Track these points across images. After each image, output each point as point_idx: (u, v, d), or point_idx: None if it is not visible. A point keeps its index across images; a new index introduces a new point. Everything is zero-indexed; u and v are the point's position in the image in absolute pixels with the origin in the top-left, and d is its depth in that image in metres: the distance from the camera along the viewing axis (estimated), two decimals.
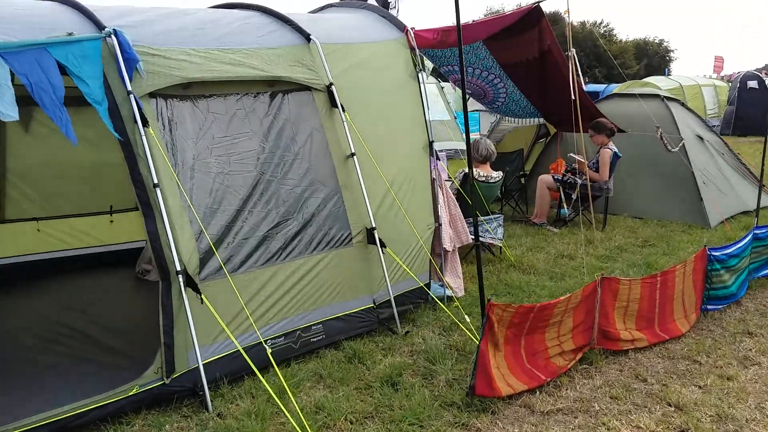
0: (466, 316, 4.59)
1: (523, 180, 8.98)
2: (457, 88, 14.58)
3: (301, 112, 4.66)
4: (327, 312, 4.53)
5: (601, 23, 57.30)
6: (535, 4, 7.27)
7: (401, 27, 5.62)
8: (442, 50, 8.23)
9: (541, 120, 9.22)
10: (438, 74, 12.71)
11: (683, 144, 8.34)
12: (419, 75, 5.51)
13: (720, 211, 8.21)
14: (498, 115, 10.02)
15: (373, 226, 4.73)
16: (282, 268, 4.30)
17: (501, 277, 6.07)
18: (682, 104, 9.52)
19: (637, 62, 54.93)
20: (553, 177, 8.03)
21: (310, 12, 6.33)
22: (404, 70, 5.45)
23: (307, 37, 4.80)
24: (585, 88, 29.34)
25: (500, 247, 6.72)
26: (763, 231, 5.78)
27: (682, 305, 4.81)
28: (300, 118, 4.64)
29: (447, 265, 5.50)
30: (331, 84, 4.74)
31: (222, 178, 4.14)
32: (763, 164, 7.18)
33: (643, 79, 25.79)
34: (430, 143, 5.40)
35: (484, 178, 6.37)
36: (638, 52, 56.91)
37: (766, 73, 26.76)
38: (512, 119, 9.82)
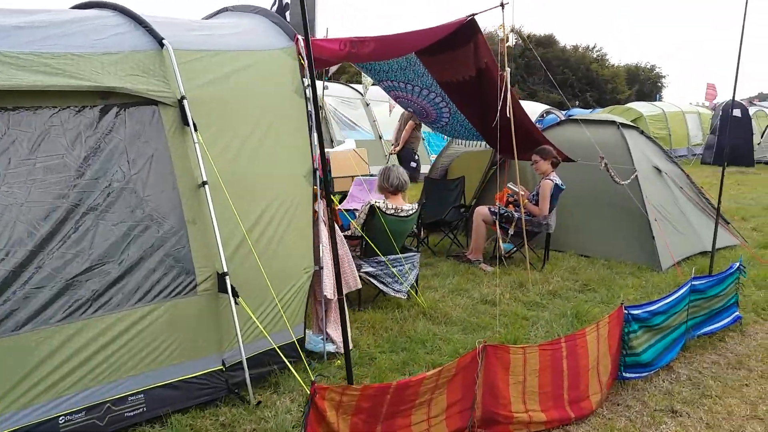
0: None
1: (462, 211, 8.18)
2: (395, 105, 13.75)
3: (140, 130, 3.86)
4: (153, 378, 3.70)
5: (594, 47, 57.10)
6: (469, 16, 6.54)
7: (291, 35, 4.86)
8: (380, 64, 7.51)
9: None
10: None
11: (636, 176, 7.57)
12: (307, 90, 4.73)
13: (673, 252, 7.43)
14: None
15: (225, 270, 3.92)
16: (90, 324, 3.47)
17: (404, 327, 5.26)
18: (641, 132, 8.79)
19: (629, 87, 54.62)
20: (489, 209, 7.24)
21: (204, 18, 5.59)
22: (289, 84, 4.67)
23: (161, 42, 4.03)
24: (569, 111, 28.84)
25: (415, 289, 5.92)
26: (703, 282, 5.01)
27: (597, 377, 4.00)
28: (138, 138, 3.84)
29: (331, 315, 4.69)
30: (182, 98, 3.96)
31: (14, 211, 3.33)
32: (719, 199, 6.45)
33: (626, 104, 25.17)
34: (314, 171, 4.61)
35: (392, 211, 5.58)
36: (630, 77, 56.64)
37: (749, 102, 26.19)
38: (463, 142, 9.08)
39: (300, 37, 4.84)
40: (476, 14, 6.51)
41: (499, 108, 6.62)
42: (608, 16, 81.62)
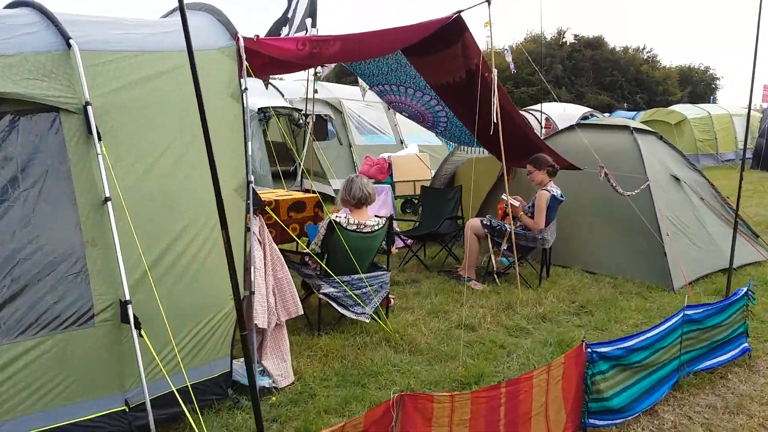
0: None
1: (460, 223, 7.61)
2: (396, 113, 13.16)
3: (36, 141, 3.46)
4: (33, 422, 3.27)
5: (644, 49, 55.40)
6: (456, 13, 6.00)
7: (234, 33, 4.41)
8: (370, 66, 7.04)
9: None
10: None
11: (648, 185, 6.89)
12: (244, 95, 4.28)
13: (691, 269, 6.73)
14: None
15: (128, 298, 3.48)
16: None
17: (365, 355, 4.74)
18: (660, 138, 8.07)
19: (681, 89, 52.77)
20: (481, 222, 6.66)
21: (161, 17, 5.20)
22: (224, 88, 4.22)
23: (68, 42, 3.62)
24: (613, 113, 27.81)
25: (379, 311, 5.41)
26: (699, 311, 4.36)
27: (546, 425, 3.42)
28: (32, 150, 3.43)
29: (267, 345, 4.21)
30: (87, 104, 3.54)
31: None
32: (737, 209, 5.76)
33: (669, 107, 24.05)
34: (248, 184, 4.14)
35: (355, 227, 5.07)
36: (683, 79, 54.74)
37: None
38: (466, 148, 8.49)
39: (241, 36, 4.41)
40: (462, 11, 5.96)
41: (492, 112, 6.06)
42: (661, 16, 79.18)
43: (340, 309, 5.06)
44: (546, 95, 46.43)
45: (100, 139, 3.55)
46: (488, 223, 6.57)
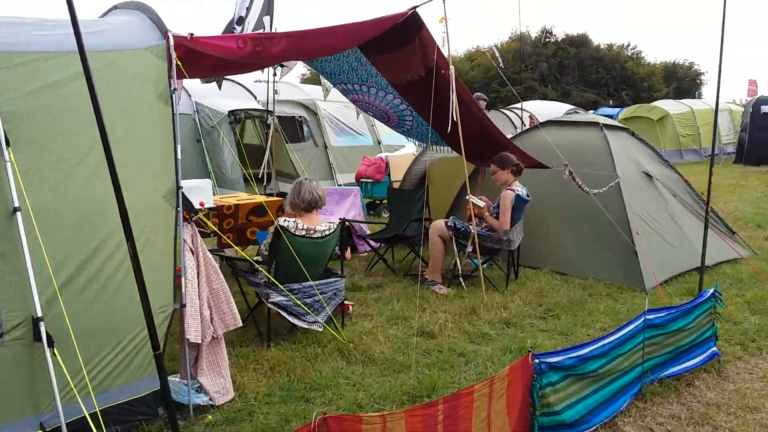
0: None
1: (427, 224, 7.36)
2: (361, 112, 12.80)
3: None
4: None
5: (628, 45, 55.35)
6: (411, 9, 5.77)
7: (164, 32, 4.15)
8: (330, 65, 6.79)
9: None
10: None
11: (618, 182, 6.67)
12: (174, 96, 4.02)
13: (663, 268, 6.52)
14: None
15: (39, 315, 3.22)
16: None
17: (314, 367, 4.49)
18: (632, 134, 7.86)
19: (666, 85, 52.75)
20: (445, 223, 6.43)
21: (100, 17, 4.94)
22: (152, 90, 3.95)
23: None
24: (597, 110, 27.67)
25: (336, 319, 5.16)
26: (662, 315, 4.14)
27: None
28: None
29: (203, 360, 3.96)
30: None
31: None
32: (707, 205, 5.57)
33: (652, 103, 23.92)
34: (178, 189, 3.89)
35: (304, 232, 4.82)
36: (667, 75, 54.72)
37: None
38: (439, 147, 8.25)
39: (171, 35, 4.15)
40: (417, 6, 5.72)
41: (451, 110, 5.83)
42: (644, 13, 79.14)
43: (290, 318, 4.82)
44: (532, 93, 46.43)
45: (8, 145, 3.29)
46: (452, 225, 6.33)
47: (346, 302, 5.66)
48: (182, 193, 3.87)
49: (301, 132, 13.78)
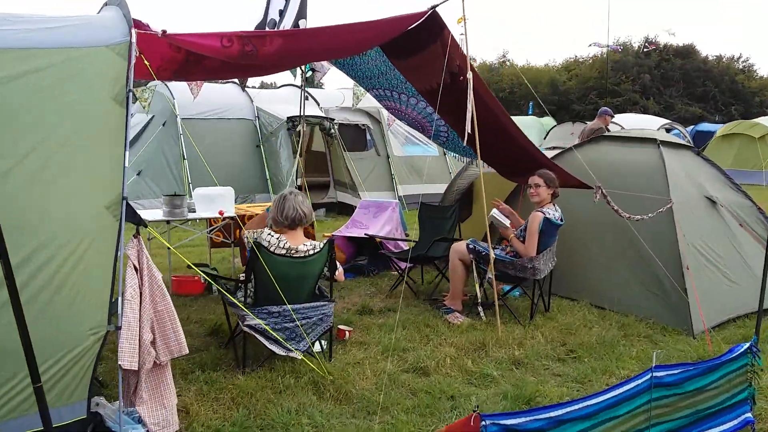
0: None
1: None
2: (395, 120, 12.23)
3: None
4: None
5: (739, 58, 52.15)
6: (431, 8, 5.28)
7: (131, 26, 3.86)
8: (361, 68, 6.39)
9: None
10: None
11: (670, 207, 5.89)
12: (130, 97, 3.70)
13: (719, 308, 5.70)
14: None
15: None
16: None
17: (280, 401, 4.05)
18: (697, 153, 7.02)
19: None
20: (467, 245, 5.85)
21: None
22: (108, 91, 3.66)
23: None
24: (697, 127, 26.06)
25: (322, 347, 4.72)
26: (676, 372, 3.44)
27: None
28: None
29: (142, 389, 3.60)
30: None
31: None
32: None
33: (754, 119, 22.12)
34: (124, 199, 3.55)
35: (284, 251, 4.41)
36: None
37: None
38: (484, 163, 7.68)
39: (134, 31, 3.84)
40: (437, 6, 5.22)
41: (467, 120, 5.28)
42: (757, 24, 74.28)
43: (267, 344, 4.41)
44: (633, 106, 44.41)
45: None
46: (473, 248, 5.75)
47: (342, 328, 5.21)
48: (126, 203, 3.54)
49: (364, 140, 13.44)
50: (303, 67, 7.69)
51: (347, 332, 5.18)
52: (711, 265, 5.96)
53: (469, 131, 5.20)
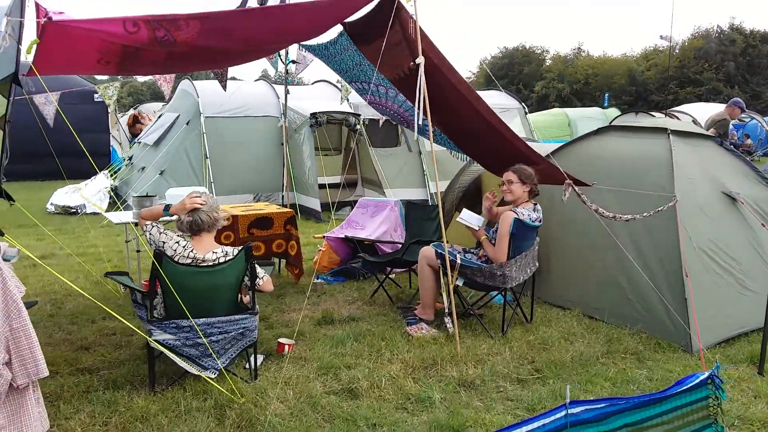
0: None
1: None
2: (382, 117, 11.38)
3: None
4: None
5: None
6: None
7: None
8: (337, 62, 5.92)
9: None
10: None
11: (675, 204, 5.13)
12: (13, 89, 3.36)
13: (727, 321, 4.92)
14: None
15: None
16: None
17: (172, 429, 3.62)
18: (720, 143, 6.17)
19: None
20: (436, 251, 5.25)
21: None
22: None
23: None
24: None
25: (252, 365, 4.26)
26: (598, 407, 2.80)
27: None
28: None
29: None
30: None
31: None
32: None
33: None
34: None
35: (189, 260, 3.97)
36: None
37: None
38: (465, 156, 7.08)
39: (8, 18, 3.50)
40: None
41: (418, 109, 4.71)
42: None
43: (178, 361, 3.98)
44: (716, 96, 42.03)
45: None
46: (438, 252, 5.16)
47: (282, 341, 4.74)
48: None
49: (396, 136, 12.92)
50: (284, 59, 7.24)
51: (287, 346, 4.70)
52: (724, 272, 5.17)
53: (419, 122, 4.63)
